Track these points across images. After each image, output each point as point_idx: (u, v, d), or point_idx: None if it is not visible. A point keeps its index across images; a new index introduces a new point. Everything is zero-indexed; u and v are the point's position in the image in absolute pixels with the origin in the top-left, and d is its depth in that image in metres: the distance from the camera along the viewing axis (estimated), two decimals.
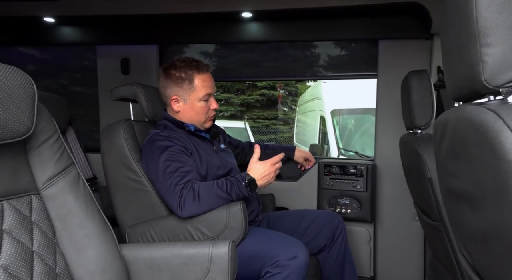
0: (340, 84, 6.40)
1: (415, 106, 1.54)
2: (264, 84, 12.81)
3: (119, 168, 1.67)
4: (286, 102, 13.28)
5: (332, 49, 2.38)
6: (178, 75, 1.69)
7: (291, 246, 1.47)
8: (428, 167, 1.40)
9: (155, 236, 1.58)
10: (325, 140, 6.24)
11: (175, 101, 1.72)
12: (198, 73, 1.69)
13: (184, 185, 1.50)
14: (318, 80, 8.02)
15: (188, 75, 1.68)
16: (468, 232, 0.80)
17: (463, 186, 0.73)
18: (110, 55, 2.45)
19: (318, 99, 6.76)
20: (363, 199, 2.08)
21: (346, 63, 2.38)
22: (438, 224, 1.41)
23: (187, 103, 1.71)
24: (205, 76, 1.71)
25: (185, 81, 1.68)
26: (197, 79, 1.69)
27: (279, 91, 12.52)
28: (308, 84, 13.04)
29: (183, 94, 1.70)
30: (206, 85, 1.70)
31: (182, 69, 1.69)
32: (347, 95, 6.11)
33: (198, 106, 1.71)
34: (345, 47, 2.37)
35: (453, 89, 0.77)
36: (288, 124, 12.49)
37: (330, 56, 2.40)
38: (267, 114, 12.88)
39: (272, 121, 12.73)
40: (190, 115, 1.72)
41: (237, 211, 1.51)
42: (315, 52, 2.45)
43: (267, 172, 1.57)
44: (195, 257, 1.13)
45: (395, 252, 2.13)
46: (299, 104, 8.87)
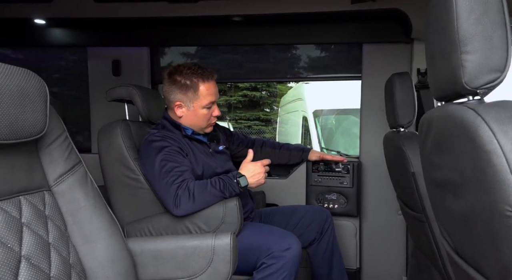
0: (322, 85, 6.53)
1: (399, 106, 1.65)
2: (246, 85, 12.89)
3: (116, 166, 1.71)
4: (268, 103, 13.40)
5: (318, 52, 2.48)
6: (183, 82, 1.71)
7: (284, 238, 1.56)
8: (411, 162, 1.51)
9: (153, 232, 1.64)
10: (307, 140, 6.36)
11: (178, 106, 1.75)
12: (203, 82, 1.72)
13: (179, 184, 1.56)
14: (300, 81, 8.18)
15: (194, 83, 1.71)
16: (450, 217, 0.90)
17: (446, 176, 0.83)
18: (101, 57, 2.48)
19: (300, 100, 6.87)
20: (350, 194, 2.19)
21: (330, 65, 2.49)
22: (421, 215, 1.52)
23: (190, 110, 1.74)
24: (210, 84, 1.73)
25: (190, 88, 1.71)
26: (202, 87, 1.72)
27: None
28: (289, 85, 13.21)
29: (187, 101, 1.73)
30: (210, 93, 1.73)
31: (187, 76, 1.71)
32: (329, 96, 6.25)
33: (201, 113, 1.75)
34: (330, 50, 2.47)
35: (436, 90, 0.87)
36: (271, 124, 12.62)
37: (316, 58, 2.51)
38: (249, 114, 12.96)
39: (254, 122, 12.83)
40: (192, 121, 1.77)
41: (233, 207, 1.59)
42: (299, 54, 2.55)
43: (257, 171, 1.65)
44: (199, 248, 1.20)
45: (379, 244, 2.24)
46: (281, 105, 8.97)
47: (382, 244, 2.24)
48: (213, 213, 1.59)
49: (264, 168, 1.68)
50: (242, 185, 1.61)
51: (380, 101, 2.19)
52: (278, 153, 2.19)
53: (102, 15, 2.23)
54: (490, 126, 0.61)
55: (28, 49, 2.74)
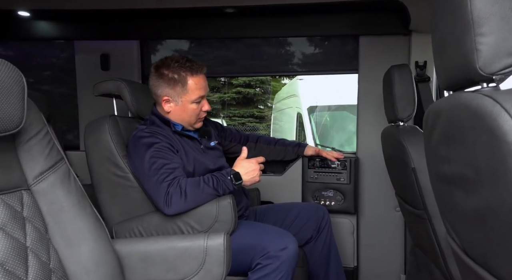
0: (316, 82, 6.48)
1: (398, 99, 1.59)
2: (240, 82, 12.81)
3: (104, 164, 1.64)
4: (262, 100, 13.34)
5: (313, 45, 2.42)
6: (170, 76, 1.64)
7: (280, 237, 1.49)
8: (411, 157, 1.45)
9: (143, 232, 1.57)
10: (302, 137, 6.32)
11: (166, 101, 1.68)
12: (192, 75, 1.65)
13: (170, 182, 1.49)
14: (294, 78, 8.12)
15: (182, 77, 1.64)
16: (459, 214, 0.84)
17: (456, 170, 0.77)
18: (88, 51, 2.39)
19: (294, 96, 6.82)
20: (347, 191, 2.13)
21: (326, 58, 2.42)
22: (421, 212, 1.47)
23: (178, 105, 1.67)
24: (198, 78, 1.66)
25: (178, 83, 1.64)
26: (190, 82, 1.64)
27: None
28: (283, 82, 13.16)
29: (175, 96, 1.66)
30: (199, 87, 1.66)
31: (175, 69, 1.64)
32: (324, 92, 6.20)
33: (190, 108, 1.68)
34: (326, 43, 2.41)
35: (445, 79, 0.80)
36: (265, 121, 12.55)
37: (311, 51, 2.44)
38: (243, 111, 12.89)
39: (248, 118, 12.76)
40: (180, 116, 1.69)
41: (226, 205, 1.52)
42: (295, 48, 2.48)
43: (252, 168, 1.59)
44: (190, 249, 1.14)
45: (377, 242, 2.19)
46: (275, 101, 8.92)
47: (380, 241, 2.19)
48: (206, 211, 1.52)
49: (258, 165, 1.61)
50: (236, 182, 1.55)
51: (377, 95, 2.13)
52: (273, 149, 2.12)
53: (90, 7, 2.14)
54: (511, 114, 0.54)
55: (18, 46, 2.65)
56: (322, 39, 2.38)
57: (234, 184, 1.55)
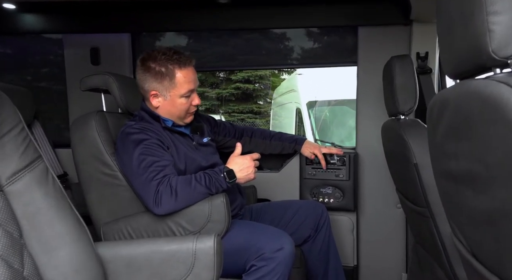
0: (315, 76, 6.40)
1: (398, 92, 1.51)
2: (239, 77, 12.72)
3: (91, 162, 1.57)
4: (261, 95, 13.24)
5: (310, 37, 2.33)
6: (158, 70, 1.56)
7: (276, 237, 1.42)
8: (413, 153, 1.38)
9: (132, 233, 1.50)
10: (301, 132, 6.24)
11: (154, 96, 1.60)
12: (180, 68, 1.57)
13: (160, 180, 1.42)
14: (293, 73, 8.03)
15: (169, 70, 1.56)
16: (467, 215, 0.76)
17: (465, 167, 0.69)
18: (78, 45, 2.31)
19: (293, 91, 6.74)
20: (346, 188, 2.06)
21: (324, 51, 2.33)
22: (424, 210, 1.40)
23: (167, 99, 1.59)
24: (187, 70, 1.58)
25: (165, 76, 1.56)
26: (179, 75, 1.56)
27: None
28: (282, 77, 13.05)
29: (163, 90, 1.58)
30: (188, 81, 1.58)
31: (162, 62, 1.56)
32: (323, 87, 6.12)
33: (179, 102, 1.60)
34: (324, 35, 2.32)
35: (452, 66, 0.73)
36: (264, 117, 12.47)
37: (308, 44, 2.35)
38: (242, 107, 12.80)
39: (248, 114, 12.67)
40: (170, 111, 1.62)
41: (219, 204, 1.45)
42: (292, 40, 2.39)
43: (246, 165, 1.52)
44: (178, 253, 1.06)
45: (378, 240, 2.12)
46: (275, 97, 8.85)
47: (380, 239, 2.11)
48: (197, 211, 1.45)
49: (253, 162, 1.54)
50: (230, 180, 1.47)
51: (377, 88, 2.06)
52: (268, 144, 2.04)
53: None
54: None
55: (16, 42, 2.56)
56: (320, 31, 2.29)
57: (228, 182, 1.48)
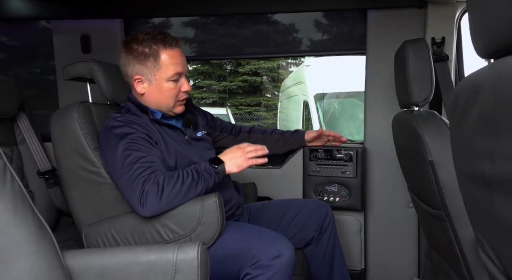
0: (323, 68, 6.23)
1: (412, 80, 1.35)
2: (246, 70, 12.53)
3: (73, 157, 1.44)
4: (269, 88, 13.06)
5: (317, 24, 2.16)
6: (140, 50, 1.43)
7: (273, 242, 1.27)
8: (429, 149, 1.22)
9: (116, 236, 1.36)
10: (309, 125, 6.09)
11: (138, 81, 1.47)
12: (165, 48, 1.44)
13: (146, 178, 1.28)
14: (301, 64, 7.83)
15: (153, 50, 1.43)
16: (503, 229, 0.61)
17: (502, 168, 0.54)
18: (67, 32, 2.17)
19: (301, 84, 6.59)
20: (353, 185, 1.90)
21: (331, 38, 2.16)
22: (441, 213, 1.24)
23: (152, 84, 1.46)
24: (173, 51, 1.45)
25: (149, 57, 1.43)
26: (163, 55, 1.43)
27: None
28: (290, 69, 12.84)
29: (148, 73, 1.45)
30: (175, 62, 1.45)
31: (145, 42, 1.43)
32: (331, 79, 5.94)
33: (166, 87, 1.46)
34: (330, 20, 2.14)
35: (484, 42, 0.57)
36: (271, 110, 12.29)
37: (315, 31, 2.18)
38: (250, 100, 12.63)
39: (255, 107, 12.50)
40: (156, 98, 1.48)
41: (211, 204, 1.31)
42: (297, 28, 2.22)
43: (237, 153, 1.41)
44: (156, 265, 0.92)
45: (387, 242, 1.96)
46: (282, 89, 8.69)
47: (390, 241, 1.96)
48: (187, 212, 1.31)
49: (243, 149, 1.42)
50: (216, 165, 1.36)
51: (387, 78, 1.89)
52: (269, 139, 1.89)
53: None
54: None
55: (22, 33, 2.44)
56: (328, 17, 2.11)
57: (215, 167, 1.35)
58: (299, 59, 12.39)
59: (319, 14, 2.16)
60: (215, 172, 1.34)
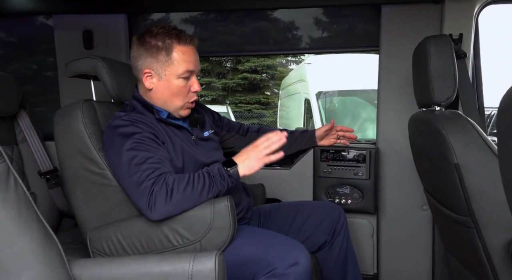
0: (325, 66, 6.16)
1: (434, 78, 1.29)
2: (246, 67, 12.47)
3: (77, 158, 1.37)
4: (269, 86, 12.99)
5: (325, 18, 2.08)
6: (153, 43, 1.37)
7: (290, 249, 1.21)
8: (454, 151, 1.16)
9: (123, 241, 1.30)
10: (310, 124, 6.03)
11: (147, 75, 1.40)
12: (179, 44, 1.38)
13: (155, 179, 1.21)
14: (302, 62, 7.76)
15: (166, 44, 1.37)
16: None
17: None
18: (69, 27, 2.10)
19: (302, 81, 6.53)
20: (366, 187, 1.84)
21: (342, 34, 2.09)
22: (466, 219, 1.18)
23: (161, 80, 1.39)
24: (187, 48, 1.39)
25: (161, 51, 1.37)
26: (176, 51, 1.37)
27: None
28: (290, 67, 12.78)
29: (158, 68, 1.38)
30: (187, 60, 1.38)
31: (159, 36, 1.37)
32: (334, 77, 5.88)
33: (175, 84, 1.39)
34: (340, 15, 2.07)
35: None
36: (271, 108, 12.22)
37: (323, 26, 2.11)
38: (249, 98, 12.57)
39: (255, 105, 12.43)
40: (164, 95, 1.41)
41: (223, 208, 1.24)
42: (303, 23, 2.14)
43: (251, 153, 1.31)
44: (170, 276, 0.86)
45: (401, 246, 1.90)
46: (282, 87, 8.63)
47: (404, 245, 1.89)
48: (197, 216, 1.25)
49: (259, 148, 1.31)
50: (229, 168, 1.28)
51: (402, 76, 1.83)
52: None
53: None
54: None
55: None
56: (336, 10, 2.03)
57: (227, 171, 1.27)
58: (299, 57, 12.35)
59: (322, 10, 2.08)
60: (228, 175, 1.27)
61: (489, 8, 1.79)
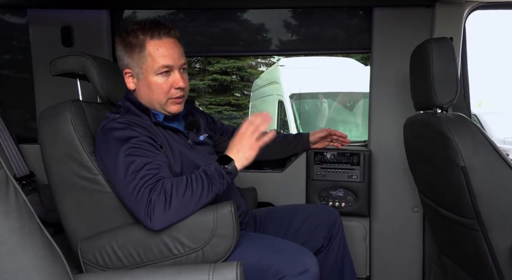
0: (299, 68, 6.20)
1: (437, 81, 1.29)
2: (216, 68, 12.36)
3: (66, 163, 1.27)
4: (239, 88, 12.94)
5: (314, 19, 2.07)
6: (127, 41, 1.30)
7: (298, 256, 1.17)
8: (461, 154, 1.16)
9: (118, 251, 1.21)
10: (285, 126, 6.03)
11: (128, 75, 1.33)
12: (152, 38, 1.28)
13: (153, 186, 1.14)
14: (275, 64, 7.75)
15: (140, 40, 1.29)
16: None
17: None
18: (46, 23, 1.97)
19: (276, 83, 6.52)
20: (360, 190, 1.83)
21: (332, 36, 2.08)
22: (472, 222, 1.18)
23: (140, 79, 1.31)
24: (161, 42, 1.29)
25: (134, 48, 1.29)
26: (150, 45, 1.28)
27: None
28: (260, 69, 12.78)
29: (135, 67, 1.31)
30: (162, 54, 1.29)
31: (133, 33, 1.29)
32: (308, 79, 5.92)
33: (154, 82, 1.30)
34: (330, 16, 2.06)
35: None
36: (242, 109, 12.17)
37: (312, 28, 2.09)
38: (220, 99, 12.46)
39: (225, 107, 12.34)
40: (147, 95, 1.33)
41: (226, 214, 1.18)
42: (293, 23, 2.12)
43: (242, 142, 1.24)
44: None
45: (392, 248, 1.91)
46: (254, 89, 8.60)
47: (395, 247, 1.90)
48: (200, 223, 1.18)
49: (247, 134, 1.24)
50: (229, 167, 1.22)
51: (394, 78, 1.84)
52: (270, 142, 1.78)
53: None
54: None
55: None
56: (327, 12, 2.02)
57: (225, 168, 1.21)
58: (269, 58, 12.38)
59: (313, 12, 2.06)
60: (227, 172, 1.21)
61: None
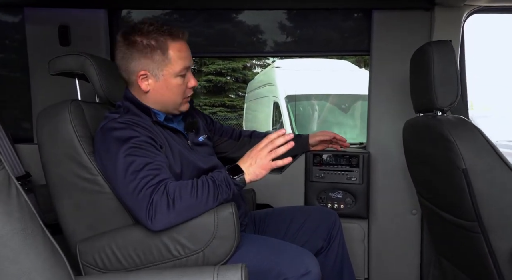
0: (295, 70, 6.21)
1: (438, 84, 1.30)
2: (211, 70, 12.35)
3: (65, 163, 1.25)
4: (233, 89, 12.94)
5: (316, 22, 2.07)
6: (146, 43, 1.28)
7: (300, 258, 1.17)
8: (462, 157, 1.17)
9: (118, 252, 1.19)
10: (279, 127, 6.03)
11: (143, 78, 1.31)
12: (173, 41, 1.30)
13: (155, 187, 1.12)
14: (270, 66, 7.75)
15: (161, 42, 1.28)
16: None
17: None
18: (44, 22, 1.95)
19: (271, 85, 6.53)
20: (359, 192, 1.83)
21: (331, 38, 2.08)
22: (472, 224, 1.19)
23: (159, 80, 1.31)
24: (181, 44, 1.32)
25: (156, 50, 1.28)
26: (172, 49, 1.29)
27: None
28: (255, 71, 12.79)
29: (155, 69, 1.30)
30: (183, 56, 1.31)
31: (151, 34, 1.28)
32: (304, 81, 5.93)
33: (174, 83, 1.32)
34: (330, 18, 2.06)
35: None
36: (236, 111, 12.17)
37: (311, 29, 2.09)
38: (214, 100, 12.45)
39: (220, 108, 12.33)
40: (163, 96, 1.33)
41: (227, 216, 1.17)
42: (292, 25, 2.12)
43: (255, 158, 1.22)
44: None
45: (390, 250, 1.91)
46: (249, 90, 8.60)
47: (393, 249, 1.91)
48: (200, 225, 1.17)
49: (263, 153, 1.21)
50: (236, 176, 1.20)
51: (393, 80, 1.85)
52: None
53: None
54: None
55: None
56: (327, 14, 2.02)
57: (233, 179, 1.19)
58: (263, 60, 12.39)
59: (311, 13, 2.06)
60: (235, 184, 1.20)
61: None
